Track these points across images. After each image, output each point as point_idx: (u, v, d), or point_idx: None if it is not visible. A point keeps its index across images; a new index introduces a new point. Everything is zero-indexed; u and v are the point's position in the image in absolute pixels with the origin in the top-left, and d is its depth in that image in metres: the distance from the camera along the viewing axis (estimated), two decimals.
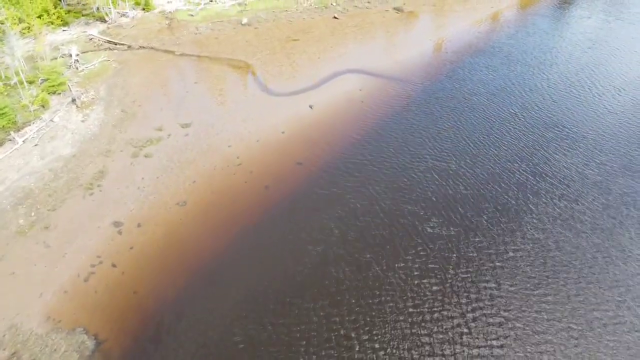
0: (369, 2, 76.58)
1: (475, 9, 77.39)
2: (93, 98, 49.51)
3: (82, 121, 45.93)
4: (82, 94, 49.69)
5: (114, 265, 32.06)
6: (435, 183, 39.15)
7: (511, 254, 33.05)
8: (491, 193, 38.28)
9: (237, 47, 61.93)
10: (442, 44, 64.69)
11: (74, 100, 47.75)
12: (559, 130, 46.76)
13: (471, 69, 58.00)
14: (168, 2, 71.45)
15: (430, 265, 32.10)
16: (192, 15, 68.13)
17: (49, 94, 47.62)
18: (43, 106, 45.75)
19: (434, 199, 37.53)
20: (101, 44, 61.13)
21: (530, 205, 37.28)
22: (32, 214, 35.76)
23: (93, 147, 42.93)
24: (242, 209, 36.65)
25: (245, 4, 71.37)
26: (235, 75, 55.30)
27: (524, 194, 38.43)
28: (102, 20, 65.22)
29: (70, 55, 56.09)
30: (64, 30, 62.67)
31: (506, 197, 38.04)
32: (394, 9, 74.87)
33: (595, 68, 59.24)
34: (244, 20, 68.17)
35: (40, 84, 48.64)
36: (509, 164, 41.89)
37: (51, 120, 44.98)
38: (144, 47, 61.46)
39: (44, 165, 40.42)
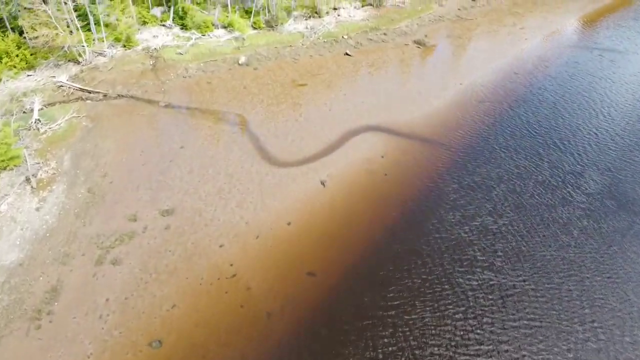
0: (385, 35, 68.23)
1: (506, 41, 69.02)
2: (54, 173, 40.95)
3: (37, 209, 37.32)
4: (40, 167, 41.15)
5: None
6: (491, 310, 30.44)
7: None
8: (570, 332, 29.52)
9: (233, 96, 53.46)
10: (475, 89, 56.14)
11: (28, 180, 39.16)
12: (637, 220, 38.11)
13: (514, 126, 49.46)
14: (154, 36, 63.06)
15: None
16: (180, 54, 59.75)
17: None
18: None
19: (495, 339, 28.77)
20: (72, 93, 52.63)
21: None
22: None
23: (47, 249, 34.29)
24: (236, 354, 27.93)
25: (244, 39, 63.03)
26: (229, 137, 46.74)
27: (609, 331, 29.67)
28: (75, 61, 56.74)
29: (32, 111, 47.62)
30: (28, 75, 54.26)
31: (591, 341, 29.28)
32: (415, 42, 66.49)
33: None
34: (242, 59, 59.78)
35: None
36: (580, 273, 33.23)
37: None
38: (122, 96, 53.05)
39: None
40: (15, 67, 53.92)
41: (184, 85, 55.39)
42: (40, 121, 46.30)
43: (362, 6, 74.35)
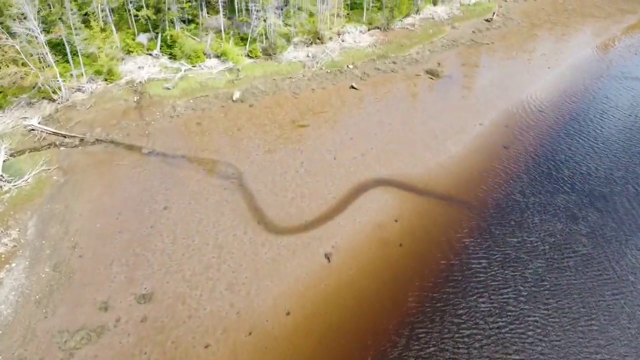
0: (394, 63, 63.20)
1: (528, 71, 63.93)
2: (15, 245, 35.88)
3: None
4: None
5: None
6: None
7: None
8: None
9: (226, 140, 48.43)
10: (497, 131, 51.02)
11: None
12: None
13: (544, 178, 44.42)
14: (139, 67, 58.03)
15: None
16: (168, 89, 54.75)
17: None
18: None
19: None
20: (44, 138, 47.57)
21: None
22: None
23: None
24: None
25: (239, 70, 57.98)
26: (220, 194, 41.63)
27: None
28: (50, 98, 51.65)
29: None
30: None
31: None
32: (427, 72, 61.45)
33: None
34: (236, 95, 54.76)
35: None
36: None
37: None
38: (101, 141, 48.05)
39: None
40: None
41: (171, 127, 50.30)
42: (3, 177, 41.16)
43: (369, 30, 69.33)
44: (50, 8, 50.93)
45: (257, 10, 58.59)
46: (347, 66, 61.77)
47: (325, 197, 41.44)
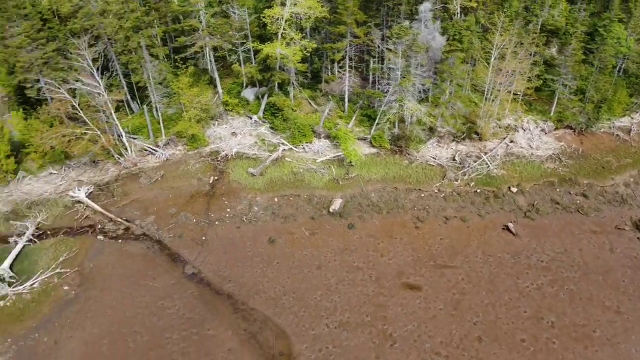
0: (584, 197, 44.46)
1: None
2: None
3: None
4: None
5: None
6: None
7: None
8: None
9: (294, 282, 37.11)
10: None
11: None
12: None
13: None
14: (232, 133, 49.35)
15: None
16: (253, 175, 44.78)
17: None
18: None
19: None
20: (86, 216, 40.80)
21: None
22: None
23: None
24: None
25: (352, 165, 45.02)
26: None
27: None
28: (116, 160, 44.92)
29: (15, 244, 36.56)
30: (51, 174, 44.28)
31: None
32: (636, 226, 41.13)
33: None
34: (336, 204, 42.88)
35: None
36: None
37: None
38: (147, 237, 40.50)
39: None
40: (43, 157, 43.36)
41: (235, 239, 39.76)
42: (4, 280, 34.22)
43: (556, 129, 50.47)
44: (130, 54, 44.02)
45: (393, 89, 44.70)
46: (509, 188, 44.47)
47: None
